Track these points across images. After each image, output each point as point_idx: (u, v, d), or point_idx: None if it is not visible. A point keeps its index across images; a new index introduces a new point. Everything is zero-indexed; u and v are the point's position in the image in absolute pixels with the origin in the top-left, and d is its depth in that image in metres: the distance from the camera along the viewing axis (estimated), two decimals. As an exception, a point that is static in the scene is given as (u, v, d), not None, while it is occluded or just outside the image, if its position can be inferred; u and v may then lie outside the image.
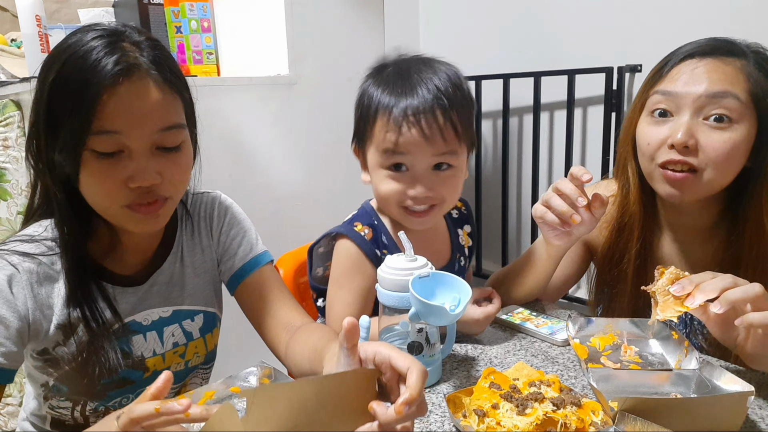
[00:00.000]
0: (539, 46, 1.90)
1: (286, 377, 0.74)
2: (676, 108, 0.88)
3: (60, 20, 2.05)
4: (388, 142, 0.90)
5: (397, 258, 0.82)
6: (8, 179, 1.54)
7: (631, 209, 0.98)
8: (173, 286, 0.91)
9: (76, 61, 0.70)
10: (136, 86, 0.72)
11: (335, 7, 2.02)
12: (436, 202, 0.94)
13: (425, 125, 0.88)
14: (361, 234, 0.98)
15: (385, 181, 0.93)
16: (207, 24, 1.98)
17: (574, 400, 0.68)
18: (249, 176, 1.84)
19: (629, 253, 0.98)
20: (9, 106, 1.53)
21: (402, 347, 0.81)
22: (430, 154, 0.90)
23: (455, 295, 0.79)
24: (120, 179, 0.73)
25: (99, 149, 0.72)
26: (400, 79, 0.93)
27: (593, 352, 0.86)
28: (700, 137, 0.85)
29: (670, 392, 0.75)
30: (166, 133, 0.75)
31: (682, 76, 0.88)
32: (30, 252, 0.78)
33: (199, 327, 0.94)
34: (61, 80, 0.71)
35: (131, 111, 0.72)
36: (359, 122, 0.97)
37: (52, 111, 0.72)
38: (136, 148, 0.73)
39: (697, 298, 0.71)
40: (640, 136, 0.93)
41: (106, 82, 0.69)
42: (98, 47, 0.71)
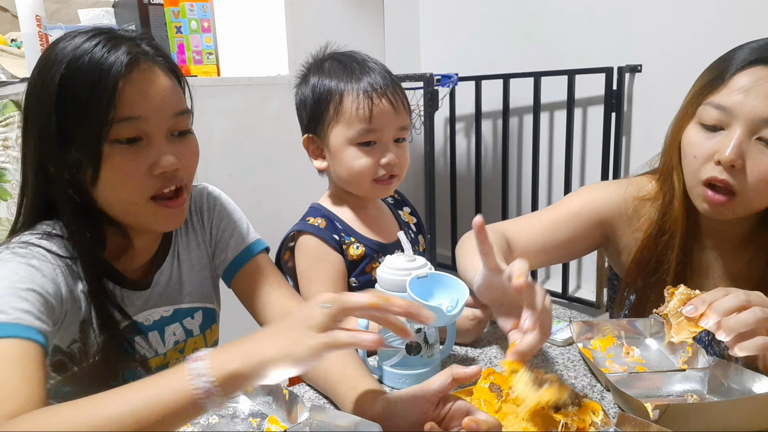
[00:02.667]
0: (539, 46, 1.90)
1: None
2: (728, 122, 0.82)
3: (60, 20, 2.05)
4: (362, 116, 0.97)
5: (396, 258, 0.82)
6: (8, 179, 1.55)
7: (675, 214, 0.92)
8: (172, 285, 0.91)
9: (80, 59, 0.71)
10: (147, 73, 0.74)
11: (335, 7, 2.02)
12: (396, 171, 1.02)
13: (391, 97, 0.98)
14: (315, 224, 1.03)
15: (357, 156, 0.99)
16: (207, 24, 1.98)
17: (575, 400, 0.68)
18: (249, 176, 1.84)
19: (668, 260, 0.94)
20: (9, 106, 1.53)
21: (400, 347, 0.81)
22: (396, 126, 1.00)
23: (453, 295, 0.79)
24: (143, 167, 0.74)
25: (121, 136, 0.72)
26: (350, 65, 1.01)
27: (597, 356, 0.86)
28: (749, 158, 0.80)
29: (685, 392, 0.75)
30: (179, 117, 0.78)
31: (741, 89, 0.81)
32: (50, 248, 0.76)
33: (198, 324, 0.94)
34: (69, 79, 0.71)
35: (148, 96, 0.74)
36: (314, 110, 1.02)
37: (63, 110, 0.72)
38: (155, 133, 0.75)
39: (710, 318, 0.69)
40: (687, 146, 0.87)
41: (122, 70, 0.71)
42: (100, 44, 0.72)
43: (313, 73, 1.04)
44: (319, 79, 1.02)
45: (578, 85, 1.75)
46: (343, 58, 1.04)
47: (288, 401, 0.69)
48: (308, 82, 1.04)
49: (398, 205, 1.19)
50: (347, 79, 0.99)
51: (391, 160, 0.99)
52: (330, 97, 0.99)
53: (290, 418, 0.67)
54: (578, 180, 1.89)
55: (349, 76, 0.99)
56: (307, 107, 1.03)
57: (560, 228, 1.01)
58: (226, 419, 0.71)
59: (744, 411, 0.65)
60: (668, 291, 0.75)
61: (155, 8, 1.92)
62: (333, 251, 1.01)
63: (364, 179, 1.01)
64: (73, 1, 2.13)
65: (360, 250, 1.03)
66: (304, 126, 1.07)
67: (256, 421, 0.70)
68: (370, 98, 0.97)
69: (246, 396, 0.75)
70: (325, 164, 1.05)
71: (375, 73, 1.00)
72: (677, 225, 0.93)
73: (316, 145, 1.05)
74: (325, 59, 1.06)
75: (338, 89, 0.99)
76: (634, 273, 0.99)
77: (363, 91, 0.97)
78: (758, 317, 0.66)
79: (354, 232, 1.05)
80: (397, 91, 1.01)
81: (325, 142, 1.02)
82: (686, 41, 1.49)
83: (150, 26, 1.91)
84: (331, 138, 1.01)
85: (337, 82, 1.00)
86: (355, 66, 1.01)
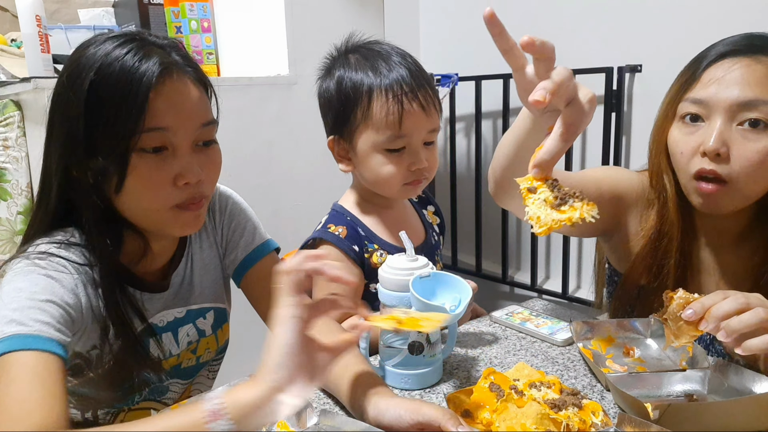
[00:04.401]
0: (539, 46, 1.90)
1: None
2: (707, 113, 0.84)
3: (60, 20, 2.05)
4: (391, 122, 0.93)
5: (398, 258, 0.82)
6: (8, 179, 1.54)
7: (671, 218, 0.93)
8: (185, 286, 0.91)
9: (111, 64, 0.71)
10: (177, 84, 0.74)
11: (335, 7, 2.02)
12: (426, 175, 0.99)
13: (422, 99, 0.94)
14: (336, 234, 0.99)
15: (385, 163, 0.96)
16: (207, 24, 1.98)
17: (575, 401, 0.68)
18: (249, 176, 1.84)
19: (668, 264, 0.94)
20: (9, 106, 1.53)
21: (402, 347, 0.81)
22: (426, 130, 0.96)
23: (455, 295, 0.79)
24: (168, 178, 0.74)
25: (148, 146, 0.72)
26: (377, 60, 0.95)
27: (597, 356, 0.86)
28: (733, 145, 0.82)
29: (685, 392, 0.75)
30: (205, 128, 0.78)
31: (715, 80, 0.83)
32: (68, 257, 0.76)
33: (210, 324, 0.94)
34: (99, 86, 0.71)
35: (177, 107, 0.74)
36: (340, 111, 0.97)
37: (93, 117, 0.72)
38: (181, 144, 0.75)
39: (710, 322, 0.69)
40: (673, 145, 0.89)
41: (154, 80, 0.71)
42: (131, 51, 0.72)
43: (338, 66, 0.99)
44: (345, 73, 0.97)
45: (578, 85, 1.75)
46: (369, 53, 0.98)
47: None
48: (333, 76, 0.99)
49: (423, 203, 1.17)
50: (374, 75, 0.94)
51: (420, 165, 0.96)
52: (357, 98, 0.95)
53: (299, 422, 0.67)
54: (578, 180, 1.89)
55: (377, 75, 0.94)
56: (333, 107, 0.99)
57: (586, 185, 0.95)
58: None
59: (744, 411, 0.66)
60: (667, 295, 0.75)
61: (155, 8, 1.92)
62: (351, 264, 0.98)
63: (393, 185, 0.98)
64: (73, 1, 2.12)
65: (384, 257, 1.00)
66: (329, 126, 1.03)
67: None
68: (400, 102, 0.92)
69: None
70: (351, 167, 1.02)
71: (403, 69, 0.94)
72: (674, 227, 0.93)
73: (342, 147, 1.01)
74: (351, 51, 1.00)
75: (365, 89, 0.94)
76: (637, 277, 0.99)
77: (392, 93, 0.92)
78: (761, 318, 0.66)
79: (377, 239, 1.02)
80: (427, 90, 0.95)
81: (352, 145, 0.98)
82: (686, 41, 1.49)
83: (150, 26, 1.91)
84: (359, 142, 0.97)
85: (363, 78, 0.94)
86: (382, 62, 0.95)
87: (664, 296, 0.76)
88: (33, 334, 0.64)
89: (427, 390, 0.81)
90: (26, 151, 1.55)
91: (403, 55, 0.98)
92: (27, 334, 0.64)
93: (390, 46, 1.00)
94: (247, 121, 1.83)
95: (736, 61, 0.83)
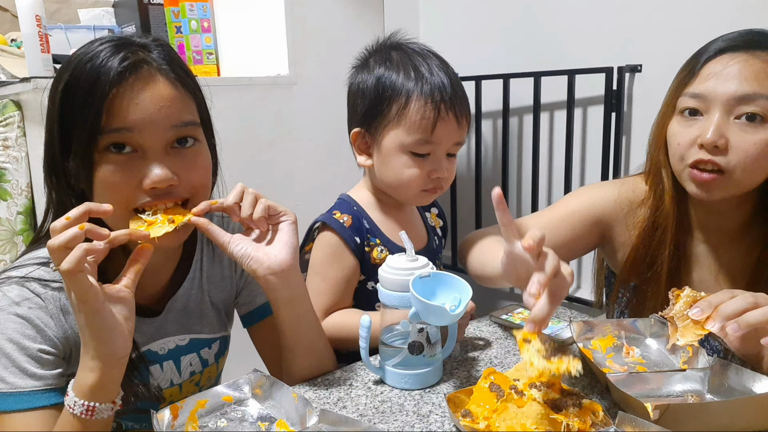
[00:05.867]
0: (539, 46, 1.90)
1: (280, 384, 0.73)
2: (706, 108, 0.85)
3: (60, 20, 2.04)
4: (425, 126, 0.93)
5: (398, 258, 0.82)
6: (8, 179, 1.54)
7: (666, 210, 0.95)
8: (190, 313, 0.87)
9: (84, 66, 0.69)
10: (144, 81, 0.70)
11: (335, 7, 2.02)
12: (443, 185, 1.00)
13: (458, 110, 0.95)
14: (341, 221, 0.99)
15: (408, 165, 0.96)
16: (207, 24, 1.98)
17: (575, 401, 0.68)
18: (249, 176, 1.83)
19: (662, 255, 0.96)
20: (9, 106, 1.53)
21: (402, 347, 0.81)
22: (453, 141, 0.97)
23: (456, 295, 0.79)
24: (134, 181, 0.71)
25: (112, 149, 0.70)
26: (418, 61, 0.96)
27: (597, 356, 0.86)
28: (731, 137, 0.83)
29: (685, 392, 0.75)
30: (180, 129, 0.73)
31: (713, 75, 0.85)
32: (48, 278, 0.74)
33: (214, 353, 0.92)
34: (70, 86, 0.70)
35: (142, 106, 0.70)
36: (373, 105, 0.97)
37: (64, 117, 0.71)
38: (150, 146, 0.71)
39: (717, 321, 0.69)
40: (671, 136, 0.91)
41: (114, 78, 0.68)
42: (105, 50, 0.70)
43: (377, 62, 0.99)
44: (386, 71, 0.97)
45: (578, 85, 1.75)
46: (412, 53, 0.98)
47: (297, 405, 0.69)
48: (372, 70, 0.98)
49: (426, 206, 1.17)
50: (417, 78, 0.94)
51: (441, 174, 0.97)
52: (395, 96, 0.94)
53: (299, 422, 0.67)
54: (578, 180, 1.89)
55: (418, 76, 0.94)
56: (366, 99, 0.98)
57: (559, 228, 1.02)
58: (235, 423, 0.71)
59: (744, 411, 0.66)
60: (673, 293, 0.75)
61: (155, 8, 1.92)
62: (349, 254, 0.98)
63: (411, 188, 0.98)
64: (73, 1, 2.12)
65: (384, 253, 1.00)
66: (356, 118, 1.01)
67: (265, 425, 0.70)
68: (438, 109, 0.93)
69: (255, 399, 0.75)
70: (370, 162, 1.01)
71: (445, 76, 0.95)
72: (669, 219, 0.94)
73: (365, 141, 1.01)
74: (393, 48, 1.00)
75: (406, 89, 0.94)
76: (629, 269, 1.01)
77: (432, 98, 0.93)
78: None
79: (381, 234, 1.02)
80: (464, 102, 0.97)
81: (377, 141, 0.98)
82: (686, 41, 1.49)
83: (150, 26, 1.91)
84: (385, 139, 0.97)
85: (405, 79, 0.95)
86: (424, 65, 0.95)
87: (671, 294, 0.76)
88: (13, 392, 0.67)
89: (427, 390, 0.81)
90: (26, 151, 1.55)
91: (444, 62, 0.99)
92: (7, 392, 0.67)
93: (430, 50, 1.00)
94: (247, 121, 1.83)
95: (734, 56, 0.84)
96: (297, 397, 0.69)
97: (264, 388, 0.75)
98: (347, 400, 0.78)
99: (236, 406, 0.74)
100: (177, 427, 0.68)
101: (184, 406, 0.70)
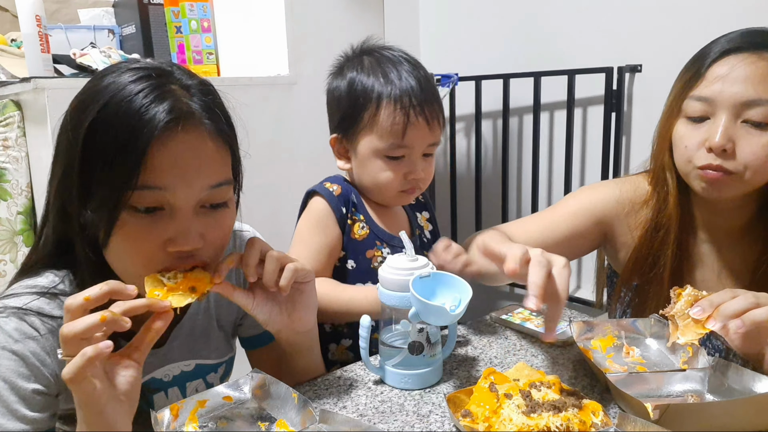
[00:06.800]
0: (539, 46, 1.90)
1: (280, 384, 0.73)
2: (712, 110, 0.85)
3: (60, 20, 2.04)
4: (396, 132, 0.95)
5: (399, 258, 0.82)
6: (8, 179, 1.54)
7: (669, 212, 0.95)
8: (196, 338, 0.84)
9: (119, 103, 0.62)
10: (189, 137, 0.64)
11: (335, 7, 2.02)
12: (420, 185, 1.02)
13: (428, 113, 0.96)
14: (330, 190, 1.02)
15: (383, 169, 0.99)
16: (207, 24, 1.98)
17: (575, 402, 0.68)
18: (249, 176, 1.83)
19: (664, 256, 0.95)
20: (9, 106, 1.53)
21: (402, 347, 0.81)
22: (427, 143, 0.99)
23: (456, 295, 0.79)
24: (159, 242, 0.65)
25: (139, 204, 0.63)
26: (388, 66, 0.98)
27: (597, 356, 0.86)
28: (739, 141, 0.83)
29: (685, 392, 0.75)
30: (215, 190, 0.67)
31: (719, 78, 0.84)
32: (48, 310, 0.70)
33: (220, 377, 0.89)
34: (100, 125, 0.62)
35: (182, 165, 0.64)
36: (348, 112, 0.99)
37: (88, 160, 0.63)
38: (181, 206, 0.65)
39: (718, 321, 0.69)
40: (678, 139, 0.90)
41: (157, 132, 0.61)
42: (145, 89, 0.63)
43: (350, 67, 1.01)
44: (357, 75, 0.99)
45: (578, 85, 1.75)
46: (382, 58, 1.00)
47: (297, 405, 0.69)
48: (345, 75, 1.01)
49: (419, 207, 1.18)
50: (386, 84, 0.96)
51: (417, 175, 0.99)
52: (366, 102, 0.97)
53: (299, 422, 0.67)
54: (578, 180, 1.89)
55: (387, 82, 0.96)
56: (341, 106, 1.01)
57: (559, 227, 1.02)
58: (235, 423, 0.71)
59: (744, 411, 0.66)
60: (675, 292, 0.75)
61: (155, 8, 1.92)
62: (334, 223, 1.00)
63: (389, 191, 1.01)
64: (73, 1, 2.12)
65: (365, 230, 1.03)
66: (334, 124, 1.04)
67: (265, 425, 0.70)
68: (407, 114, 0.94)
69: (255, 399, 0.75)
70: (349, 166, 1.04)
71: (413, 80, 0.96)
72: (672, 220, 0.94)
73: (343, 146, 1.04)
74: (365, 53, 1.02)
75: (376, 94, 0.96)
76: (631, 269, 1.01)
77: (400, 103, 0.95)
78: None
79: (365, 212, 1.04)
80: (434, 104, 0.98)
81: (353, 146, 1.01)
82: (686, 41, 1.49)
83: (150, 26, 1.91)
84: (360, 144, 0.99)
85: (374, 85, 0.97)
86: (394, 70, 0.97)
87: (672, 293, 0.76)
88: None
89: (427, 390, 0.81)
90: (26, 151, 1.55)
91: (415, 65, 1.00)
92: None
93: (403, 54, 1.02)
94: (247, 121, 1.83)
95: (740, 58, 0.84)
96: (297, 397, 0.69)
97: (264, 388, 0.74)
98: (347, 400, 0.78)
99: (236, 406, 0.74)
100: (177, 427, 0.68)
101: (184, 406, 0.69)
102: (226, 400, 0.74)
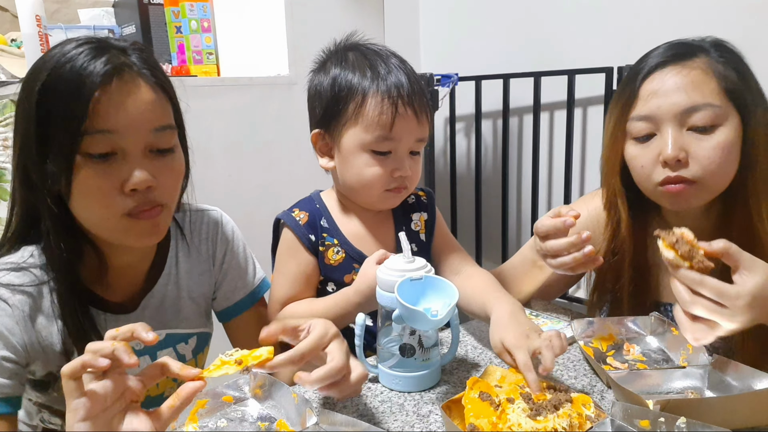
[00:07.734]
0: (539, 46, 1.90)
1: (280, 384, 0.73)
2: (656, 126, 0.87)
3: (60, 20, 2.05)
4: (384, 122, 0.91)
5: (396, 259, 0.82)
6: (8, 179, 1.54)
7: (622, 238, 0.96)
8: (166, 309, 0.88)
9: (63, 66, 0.69)
10: (128, 85, 0.71)
11: (335, 7, 2.02)
12: (407, 184, 0.97)
13: (417, 106, 0.93)
14: (296, 219, 0.99)
15: (369, 164, 0.94)
16: (207, 24, 1.98)
17: (567, 397, 0.68)
18: (249, 176, 1.84)
19: (621, 280, 0.98)
20: (9, 106, 1.53)
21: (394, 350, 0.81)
22: (414, 138, 0.95)
23: (446, 300, 0.78)
24: (115, 184, 0.71)
25: (93, 151, 0.70)
26: (375, 60, 0.95)
27: (598, 353, 0.86)
28: (690, 148, 0.84)
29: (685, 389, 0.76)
30: (159, 133, 0.74)
31: (653, 94, 0.86)
32: (18, 283, 0.75)
33: (191, 349, 0.91)
34: (49, 86, 0.70)
35: (125, 109, 0.71)
36: (331, 105, 0.95)
37: (42, 118, 0.70)
38: (131, 149, 0.72)
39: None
40: (631, 160, 0.91)
41: (98, 80, 0.68)
42: (84, 52, 0.70)
43: (334, 63, 0.97)
44: (342, 71, 0.95)
45: (578, 85, 1.75)
46: (368, 52, 0.97)
47: (297, 405, 0.69)
48: (328, 71, 0.97)
49: (414, 208, 1.09)
50: (373, 76, 0.93)
51: (404, 173, 0.94)
52: (351, 95, 0.93)
53: (299, 422, 0.67)
54: (578, 180, 1.89)
55: (375, 74, 0.93)
56: (323, 100, 0.96)
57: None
58: (235, 423, 0.71)
59: (744, 407, 0.66)
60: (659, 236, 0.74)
61: (155, 8, 1.92)
62: (304, 251, 0.98)
63: (374, 189, 0.95)
64: (73, 1, 2.12)
65: (340, 255, 0.99)
66: (315, 119, 1.00)
67: (265, 424, 0.70)
68: (395, 105, 0.91)
69: (255, 400, 0.75)
70: (332, 164, 0.99)
71: (402, 73, 0.93)
72: (626, 247, 0.96)
73: (326, 142, 0.99)
74: (349, 48, 0.99)
75: (362, 87, 0.92)
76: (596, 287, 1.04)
77: (389, 95, 0.91)
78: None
79: (339, 235, 0.99)
80: (423, 98, 0.95)
81: (337, 141, 0.96)
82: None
83: (150, 26, 1.91)
84: (345, 139, 0.94)
85: (361, 78, 0.93)
86: (382, 64, 0.94)
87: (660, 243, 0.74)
88: None
89: (427, 391, 0.81)
90: (26, 151, 1.55)
91: (402, 60, 0.97)
92: None
93: (388, 50, 0.99)
94: (247, 121, 1.83)
95: (667, 71, 0.86)
96: (297, 397, 0.69)
97: (264, 388, 0.74)
98: (347, 400, 0.78)
99: (236, 406, 0.74)
100: (177, 427, 0.68)
101: None
102: (226, 400, 0.74)
